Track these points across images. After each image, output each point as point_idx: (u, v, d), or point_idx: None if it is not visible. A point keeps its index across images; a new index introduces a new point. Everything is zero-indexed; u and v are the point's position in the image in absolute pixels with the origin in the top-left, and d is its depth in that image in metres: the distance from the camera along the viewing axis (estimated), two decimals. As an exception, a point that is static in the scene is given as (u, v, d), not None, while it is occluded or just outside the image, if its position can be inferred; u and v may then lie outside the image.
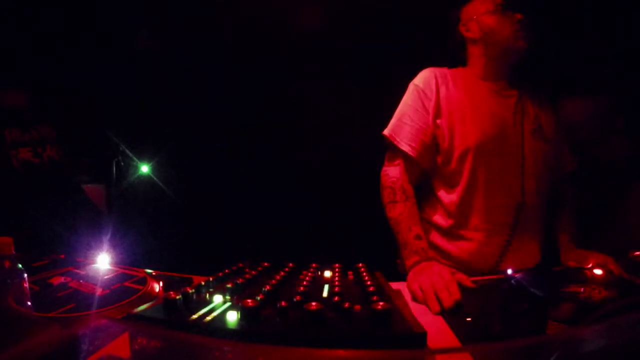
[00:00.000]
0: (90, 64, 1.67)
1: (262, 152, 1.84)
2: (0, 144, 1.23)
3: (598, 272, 0.89)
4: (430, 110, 1.08)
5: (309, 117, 1.80)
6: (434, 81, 1.10)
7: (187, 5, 1.70)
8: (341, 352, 0.45)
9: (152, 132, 1.78)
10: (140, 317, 0.58)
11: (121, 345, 0.55)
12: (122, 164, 1.75)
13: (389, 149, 1.12)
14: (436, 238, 1.12)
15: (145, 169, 1.77)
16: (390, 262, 1.23)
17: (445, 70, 1.14)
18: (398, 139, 1.09)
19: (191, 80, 1.82)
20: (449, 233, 1.10)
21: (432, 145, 1.09)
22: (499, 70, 1.10)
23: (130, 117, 1.76)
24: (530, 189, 1.06)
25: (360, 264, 0.87)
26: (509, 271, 0.92)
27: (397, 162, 1.10)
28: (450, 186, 1.10)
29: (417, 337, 0.52)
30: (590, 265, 0.93)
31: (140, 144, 1.77)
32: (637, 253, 1.03)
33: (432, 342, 0.58)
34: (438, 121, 1.08)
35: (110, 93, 1.73)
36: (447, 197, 1.10)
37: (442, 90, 1.09)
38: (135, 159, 1.76)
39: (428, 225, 1.14)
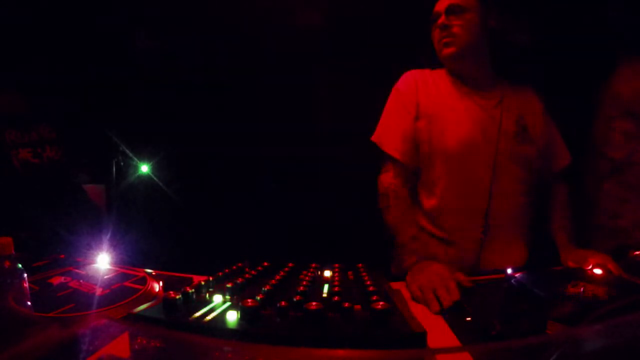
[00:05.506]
0: (90, 64, 1.67)
1: (263, 152, 1.84)
2: (0, 144, 1.23)
3: (598, 272, 0.89)
4: (412, 113, 1.09)
5: (310, 117, 1.80)
6: (414, 84, 1.11)
7: (187, 4, 1.70)
8: (341, 352, 0.45)
9: (152, 132, 1.78)
10: (140, 317, 0.58)
11: (121, 345, 0.55)
12: (122, 164, 1.75)
13: (380, 153, 1.13)
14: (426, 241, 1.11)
15: (145, 169, 1.77)
16: (389, 263, 1.23)
17: (426, 72, 1.14)
18: (385, 144, 1.10)
19: (191, 80, 1.82)
20: (436, 237, 1.10)
21: (418, 148, 1.10)
22: (471, 75, 1.10)
23: (130, 117, 1.76)
24: (501, 191, 1.06)
25: (360, 264, 0.87)
26: (509, 271, 0.92)
27: (387, 167, 1.12)
28: (430, 190, 1.10)
29: (417, 337, 0.53)
30: (590, 266, 0.93)
31: (140, 144, 1.77)
32: (637, 253, 1.03)
33: (432, 342, 0.58)
34: (418, 124, 1.09)
35: (110, 93, 1.73)
36: (428, 201, 1.11)
37: (422, 93, 1.10)
38: (135, 159, 1.76)
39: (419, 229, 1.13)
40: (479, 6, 1.05)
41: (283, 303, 0.58)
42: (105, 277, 0.88)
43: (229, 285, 0.68)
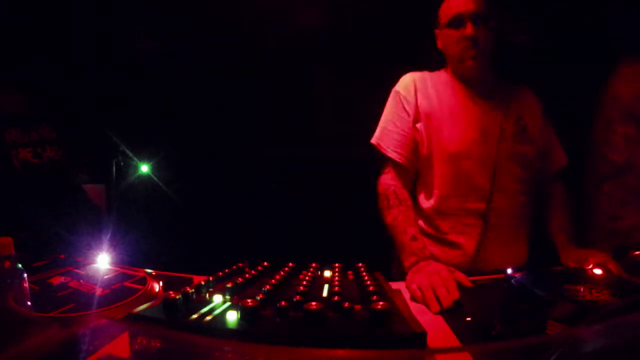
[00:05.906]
0: (90, 64, 1.67)
1: (263, 152, 1.84)
2: (1, 144, 1.23)
3: (598, 272, 0.89)
4: (411, 115, 1.09)
5: (310, 117, 1.80)
6: (412, 86, 1.11)
7: (187, 4, 1.70)
8: (341, 352, 0.46)
9: (152, 132, 1.78)
10: (140, 317, 0.58)
11: (121, 345, 0.55)
12: (122, 164, 1.75)
13: (380, 156, 1.13)
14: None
15: (145, 169, 1.77)
16: (388, 263, 1.23)
17: (425, 74, 1.14)
18: (385, 147, 1.11)
19: (191, 80, 1.82)
20: (433, 238, 1.10)
21: (417, 150, 1.10)
22: (473, 76, 1.10)
23: (130, 117, 1.76)
24: (501, 191, 1.06)
25: (360, 264, 0.87)
26: (509, 271, 0.92)
27: (387, 169, 1.12)
28: (430, 191, 1.10)
29: (417, 337, 0.52)
30: (590, 265, 0.93)
31: (140, 144, 1.77)
32: (637, 253, 1.03)
33: (432, 342, 0.58)
34: (417, 125, 1.09)
35: (110, 93, 1.73)
36: (427, 202, 1.11)
37: (420, 95, 1.10)
38: (135, 159, 1.76)
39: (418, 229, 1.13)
40: (496, 11, 1.04)
41: (283, 303, 0.58)
42: (105, 277, 0.88)
43: (229, 285, 0.68)
